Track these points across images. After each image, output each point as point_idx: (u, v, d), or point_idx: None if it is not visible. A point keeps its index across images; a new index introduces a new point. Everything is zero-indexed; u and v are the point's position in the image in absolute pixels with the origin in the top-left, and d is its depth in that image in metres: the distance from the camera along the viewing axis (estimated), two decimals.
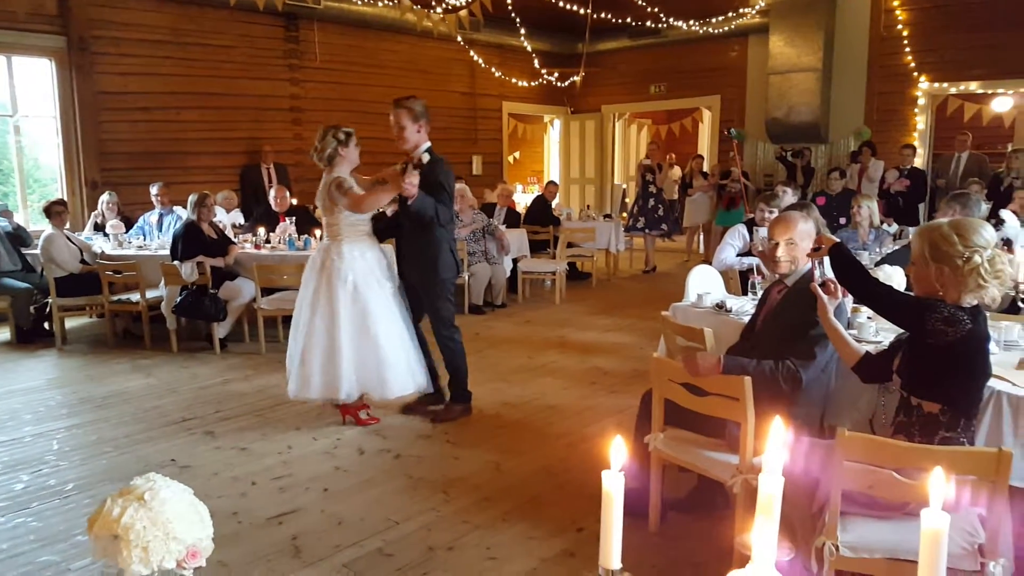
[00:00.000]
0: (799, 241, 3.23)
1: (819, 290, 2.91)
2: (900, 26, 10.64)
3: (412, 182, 4.16)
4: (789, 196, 6.15)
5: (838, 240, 2.88)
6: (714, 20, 11.98)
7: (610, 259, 10.49)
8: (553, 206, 10.06)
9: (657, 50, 13.10)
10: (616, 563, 1.09)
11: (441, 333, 4.71)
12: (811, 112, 11.14)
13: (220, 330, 6.48)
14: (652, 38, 12.81)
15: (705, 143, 14.21)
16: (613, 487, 1.07)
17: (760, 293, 4.32)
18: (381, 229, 4.74)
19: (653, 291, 9.42)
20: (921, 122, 10.75)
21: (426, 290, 4.66)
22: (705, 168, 11.95)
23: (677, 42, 12.69)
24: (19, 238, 7.31)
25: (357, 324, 4.43)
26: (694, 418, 3.08)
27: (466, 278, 7.91)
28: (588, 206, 12.40)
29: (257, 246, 6.98)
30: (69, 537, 3.34)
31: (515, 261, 8.68)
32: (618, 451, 1.12)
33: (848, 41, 11.06)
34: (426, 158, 4.50)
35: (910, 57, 10.60)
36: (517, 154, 15.35)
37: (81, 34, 8.35)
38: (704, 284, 4.67)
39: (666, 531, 3.31)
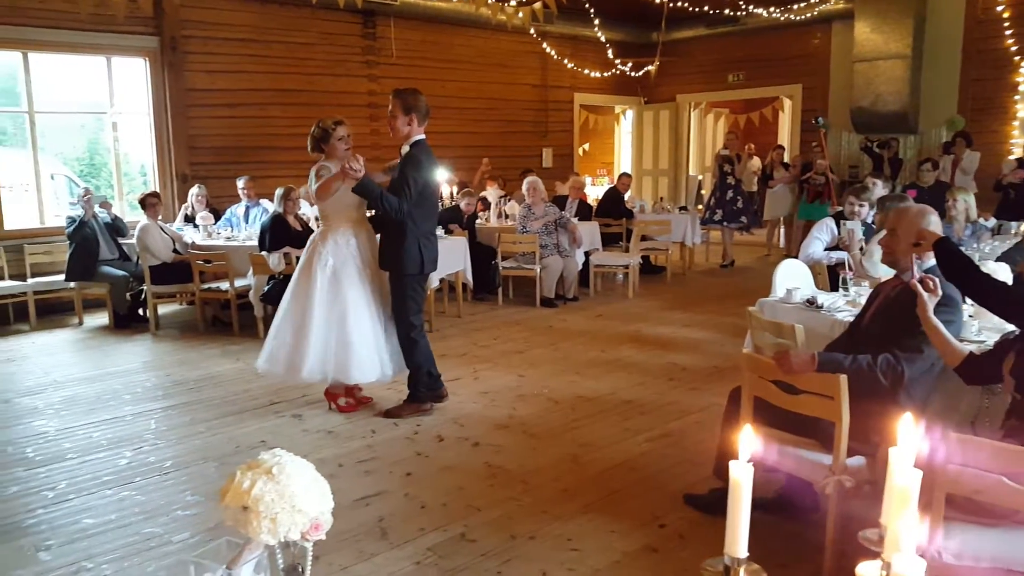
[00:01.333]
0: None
1: (919, 286, 2.80)
2: (1000, 7, 10.12)
3: (353, 167, 4.19)
4: (879, 189, 5.97)
5: (942, 235, 2.77)
6: (796, 7, 11.65)
7: (685, 253, 10.34)
8: (626, 198, 9.97)
9: (735, 38, 12.82)
10: (742, 551, 1.10)
11: (399, 328, 4.62)
12: (899, 101, 10.73)
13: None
14: (730, 26, 12.55)
15: (785, 133, 13.86)
16: (742, 476, 1.08)
17: (851, 289, 4.22)
18: (374, 219, 4.81)
19: (732, 286, 9.25)
20: (1023, 110, 10.23)
21: (391, 282, 4.63)
22: (786, 159, 11.64)
23: (756, 29, 12.40)
24: (117, 228, 7.67)
25: (329, 307, 4.51)
26: (785, 416, 3.02)
27: (537, 271, 7.93)
28: (662, 198, 12.26)
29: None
30: (170, 511, 3.51)
31: (587, 254, 8.65)
32: (747, 441, 1.12)
33: (941, 25, 10.60)
34: (405, 150, 4.52)
35: (1011, 41, 10.06)
36: (587, 146, 15.27)
37: (173, 34, 8.69)
38: (793, 279, 4.55)
39: (751, 531, 3.25)
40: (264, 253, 6.57)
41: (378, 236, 4.71)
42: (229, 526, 1.19)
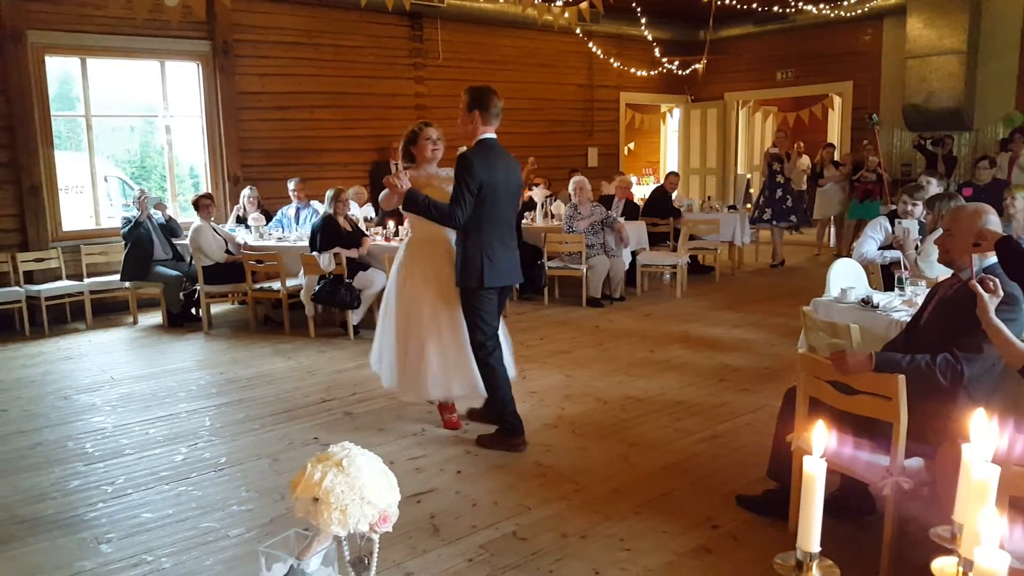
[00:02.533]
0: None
1: (978, 287, 2.73)
2: None
3: (396, 181, 3.98)
4: (934, 187, 5.81)
5: (1004, 234, 2.69)
6: (846, 3, 11.43)
7: (734, 252, 10.21)
8: (673, 197, 9.88)
9: (784, 35, 12.64)
10: (815, 546, 1.08)
11: (472, 351, 4.22)
12: (953, 97, 10.45)
13: (354, 317, 6.76)
14: (779, 23, 12.38)
15: (836, 131, 13.60)
16: (815, 470, 1.06)
17: (907, 288, 4.13)
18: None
19: (782, 286, 9.10)
20: None
21: (460, 298, 4.22)
22: (836, 157, 11.42)
23: (806, 26, 12.20)
24: (171, 229, 7.85)
25: (405, 320, 4.30)
26: (841, 417, 2.97)
27: (583, 271, 7.90)
28: (709, 197, 12.11)
29: (387, 238, 7.23)
30: (226, 506, 3.58)
31: (634, 254, 8.59)
32: (821, 436, 1.10)
33: (998, 20, 10.29)
34: (461, 150, 4.29)
35: None
36: (632, 145, 15.17)
37: (225, 38, 8.86)
38: (846, 278, 4.47)
39: None
40: (315, 253, 6.66)
41: None
42: (300, 517, 1.20)
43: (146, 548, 3.21)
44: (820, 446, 1.11)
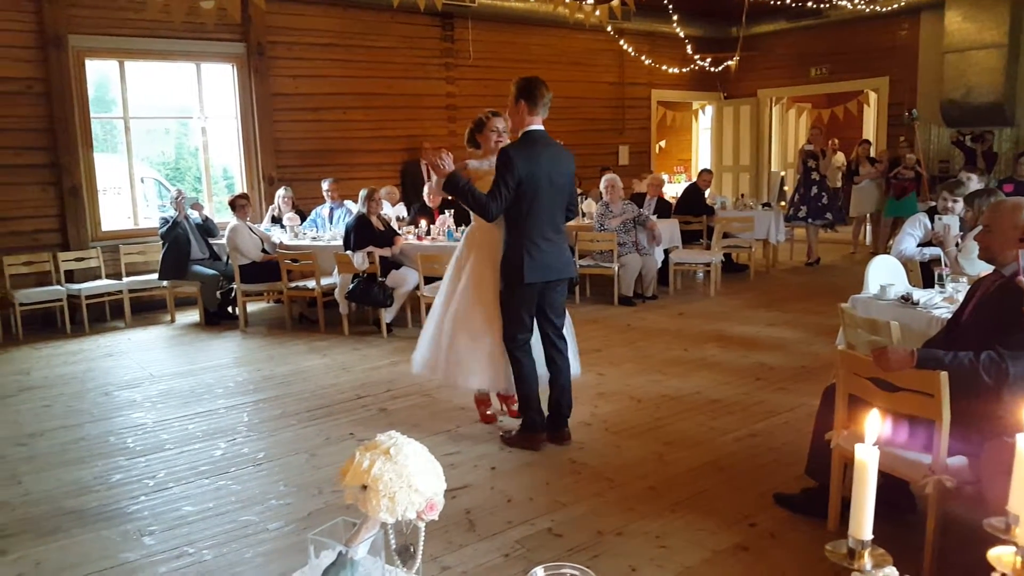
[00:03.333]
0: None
1: None
2: None
3: (438, 161, 4.00)
4: (974, 183, 5.71)
5: None
6: None
7: (768, 250, 10.11)
8: (707, 195, 9.80)
9: (818, 31, 12.50)
10: (867, 534, 1.07)
11: (504, 339, 4.18)
12: (994, 92, 10.24)
13: (387, 315, 6.82)
14: (813, 19, 12.23)
15: (871, 127, 13.40)
16: (868, 458, 1.05)
17: (948, 285, 4.06)
18: None
19: (817, 284, 8.99)
20: None
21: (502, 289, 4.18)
22: (872, 154, 11.25)
23: (840, 22, 12.04)
24: (207, 229, 7.97)
25: (457, 305, 4.28)
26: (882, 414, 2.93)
27: (615, 269, 7.87)
28: (743, 195, 12.00)
29: (419, 237, 7.27)
30: (264, 500, 3.63)
31: (666, 252, 8.54)
32: (874, 424, 1.09)
33: None
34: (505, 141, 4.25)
35: None
36: (663, 143, 15.09)
37: (259, 40, 8.98)
38: (886, 275, 4.41)
39: (845, 532, 3.15)
40: (349, 252, 6.73)
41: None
42: (349, 504, 1.22)
43: (187, 540, 3.27)
44: (873, 434, 1.10)
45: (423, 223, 7.43)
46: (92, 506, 3.64)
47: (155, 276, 7.81)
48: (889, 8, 11.30)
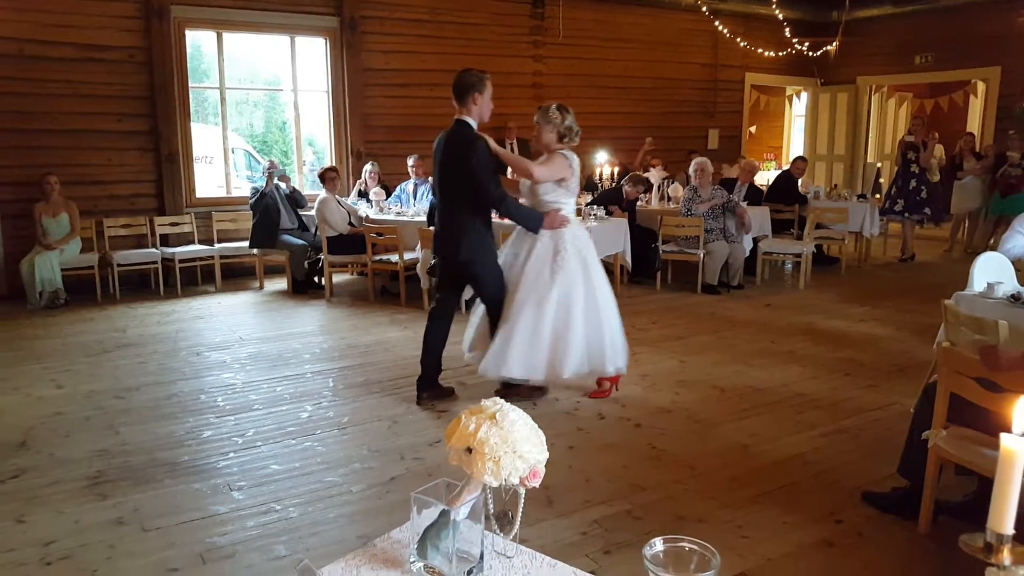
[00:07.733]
0: None
1: None
2: None
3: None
4: None
5: None
6: None
7: (861, 244, 9.73)
8: (800, 184, 9.48)
9: (925, 17, 11.88)
10: (1009, 528, 1.00)
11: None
12: None
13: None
14: (919, 4, 11.67)
15: (977, 120, 12.70)
16: (1016, 448, 0.98)
17: None
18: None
19: (912, 281, 8.60)
20: None
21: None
22: (977, 148, 10.66)
23: (950, 8, 11.44)
24: (296, 200, 8.17)
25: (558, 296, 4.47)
26: (985, 416, 2.78)
27: (700, 256, 7.71)
28: (836, 185, 11.58)
29: (501, 216, 7.25)
30: (348, 463, 3.72)
31: (755, 241, 8.31)
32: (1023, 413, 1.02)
33: None
34: None
35: None
36: (753, 128, 14.66)
37: (352, 15, 9.10)
38: (993, 273, 4.17)
39: (937, 535, 3.03)
40: (432, 228, 6.77)
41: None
42: (454, 465, 1.22)
43: (274, 497, 3.37)
44: (1023, 422, 1.03)
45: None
46: (184, 459, 3.79)
47: (245, 244, 8.06)
48: None
